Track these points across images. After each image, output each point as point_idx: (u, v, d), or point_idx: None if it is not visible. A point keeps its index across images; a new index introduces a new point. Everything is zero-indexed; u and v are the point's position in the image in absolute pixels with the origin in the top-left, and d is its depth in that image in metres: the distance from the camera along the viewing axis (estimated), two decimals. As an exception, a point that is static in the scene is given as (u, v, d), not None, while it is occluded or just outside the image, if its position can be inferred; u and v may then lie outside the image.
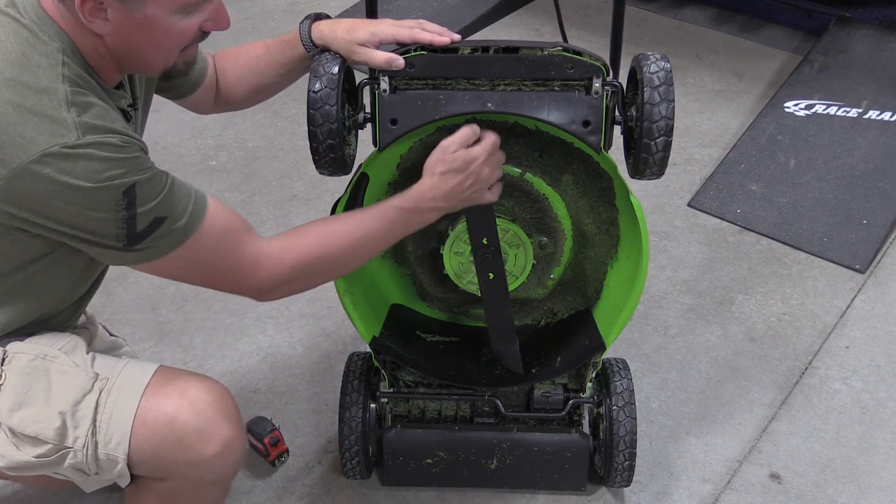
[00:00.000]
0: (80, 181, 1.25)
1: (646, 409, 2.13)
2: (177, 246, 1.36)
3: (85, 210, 1.27)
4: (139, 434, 1.40)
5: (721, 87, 3.26)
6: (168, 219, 1.33)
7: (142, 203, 1.29)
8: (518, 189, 1.69)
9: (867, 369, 2.24)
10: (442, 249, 1.69)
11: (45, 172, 1.24)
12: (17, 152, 1.24)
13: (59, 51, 1.30)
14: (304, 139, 1.54)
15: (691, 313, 2.39)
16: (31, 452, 1.41)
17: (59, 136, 1.24)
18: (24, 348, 1.44)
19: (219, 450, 1.42)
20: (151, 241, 1.33)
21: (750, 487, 1.98)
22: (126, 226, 1.30)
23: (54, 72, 1.28)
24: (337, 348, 2.29)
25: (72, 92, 1.27)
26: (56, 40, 1.30)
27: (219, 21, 1.38)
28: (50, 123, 1.24)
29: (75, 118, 1.25)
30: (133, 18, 1.29)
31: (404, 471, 1.90)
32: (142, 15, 1.29)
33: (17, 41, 1.29)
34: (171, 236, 1.34)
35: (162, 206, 1.32)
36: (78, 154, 1.24)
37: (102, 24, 1.29)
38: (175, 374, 1.46)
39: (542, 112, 1.54)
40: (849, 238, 2.58)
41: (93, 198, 1.26)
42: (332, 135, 1.51)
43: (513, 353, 1.76)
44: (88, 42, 1.32)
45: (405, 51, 1.53)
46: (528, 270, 1.71)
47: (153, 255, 1.35)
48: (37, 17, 1.30)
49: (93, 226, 1.30)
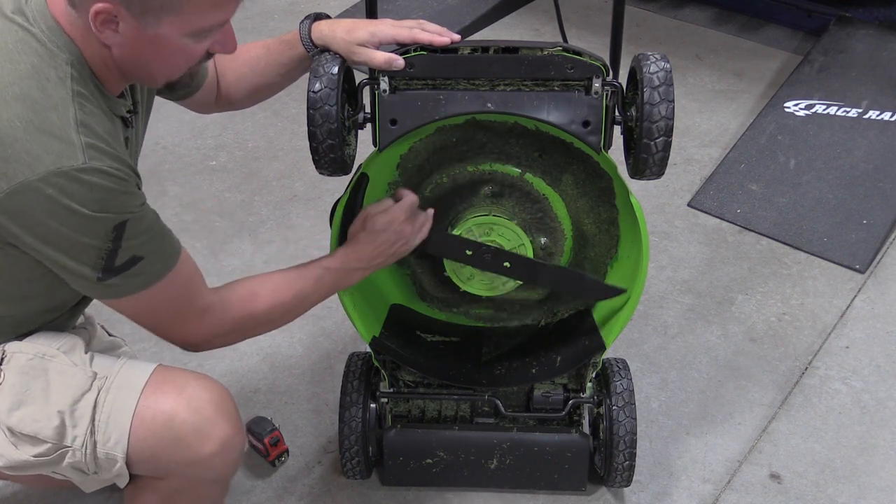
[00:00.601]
0: (79, 206, 1.25)
1: (646, 409, 2.13)
2: (144, 288, 1.37)
3: (75, 234, 1.28)
4: (137, 433, 1.40)
5: (721, 87, 3.26)
6: (144, 259, 1.34)
7: (127, 239, 1.31)
8: (518, 189, 1.69)
9: (867, 369, 2.24)
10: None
11: (47, 192, 1.24)
12: (21, 168, 1.24)
13: (68, 62, 1.29)
14: (304, 139, 1.54)
15: (691, 313, 2.39)
16: (29, 452, 1.41)
17: (65, 158, 1.24)
18: (22, 348, 1.44)
19: (217, 448, 1.42)
20: (124, 278, 1.34)
21: (750, 487, 1.98)
22: (106, 257, 1.31)
23: (64, 87, 1.27)
24: (337, 348, 2.29)
25: (81, 111, 1.27)
26: (65, 51, 1.29)
27: (226, 45, 1.39)
28: (58, 143, 1.24)
29: (83, 141, 1.25)
30: (145, 34, 1.29)
31: (404, 471, 1.90)
32: (154, 32, 1.29)
33: (27, 52, 1.28)
34: (143, 277, 1.36)
35: (143, 245, 1.34)
36: (82, 179, 1.24)
37: (112, 35, 1.28)
38: (173, 373, 1.46)
39: (542, 112, 1.54)
40: (849, 238, 2.58)
41: (86, 224, 1.27)
42: (331, 135, 1.51)
43: (592, 284, 1.72)
44: (96, 52, 1.32)
45: (405, 51, 1.53)
46: (529, 270, 1.71)
47: (121, 293, 1.37)
48: (46, 26, 1.30)
49: (76, 251, 1.30)
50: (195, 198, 2.75)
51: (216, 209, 2.71)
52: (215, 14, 1.30)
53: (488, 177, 1.69)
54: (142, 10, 1.25)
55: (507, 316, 1.86)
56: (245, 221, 2.67)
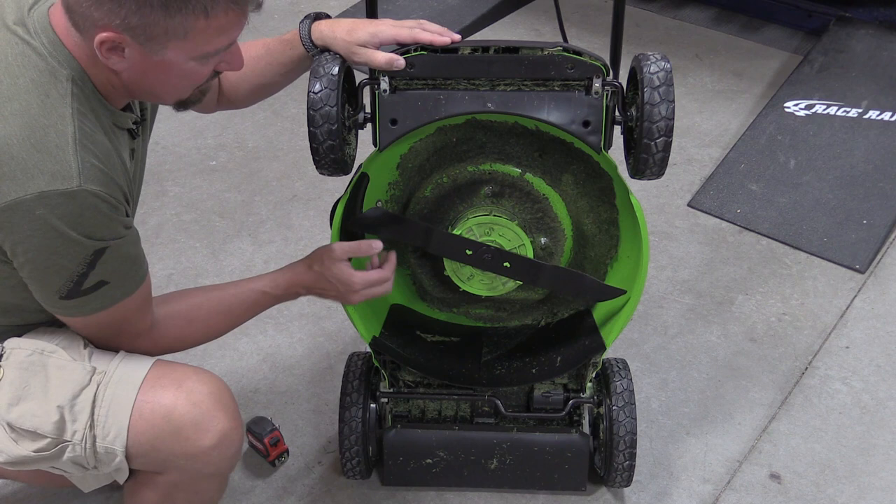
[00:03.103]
0: (66, 227, 1.26)
1: (646, 409, 2.13)
2: (100, 310, 1.38)
3: (54, 255, 1.28)
4: (137, 426, 1.41)
5: (721, 87, 3.26)
6: (109, 285, 1.36)
7: (101, 265, 1.32)
8: (518, 189, 1.69)
9: (867, 369, 2.24)
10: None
11: (37, 212, 1.25)
12: (14, 186, 1.24)
13: (69, 79, 1.29)
14: (304, 139, 1.54)
15: (691, 313, 2.39)
16: (30, 447, 1.41)
17: (59, 180, 1.24)
18: (21, 344, 1.45)
19: (216, 441, 1.43)
20: (84, 300, 1.36)
21: (750, 487, 1.98)
22: (75, 282, 1.32)
23: (64, 104, 1.27)
24: (337, 348, 2.29)
25: (80, 131, 1.27)
26: (66, 66, 1.29)
27: (233, 63, 1.39)
28: (53, 164, 1.24)
29: (80, 163, 1.25)
30: (151, 60, 1.29)
31: (404, 471, 1.90)
32: (160, 58, 1.29)
33: (27, 66, 1.28)
34: (101, 300, 1.37)
35: (113, 272, 1.35)
36: (74, 201, 1.25)
37: (118, 61, 1.28)
38: (172, 367, 1.47)
39: (542, 112, 1.54)
40: (849, 238, 2.58)
41: (68, 247, 1.28)
42: (332, 135, 1.51)
43: (592, 285, 1.71)
44: (101, 72, 1.32)
45: (405, 51, 1.53)
46: (529, 270, 1.71)
47: (76, 313, 1.38)
48: (48, 40, 1.29)
49: (50, 269, 1.31)
50: (195, 198, 2.75)
51: (216, 209, 2.71)
52: (220, 39, 1.30)
53: (488, 177, 1.69)
54: (147, 38, 1.25)
55: (507, 316, 1.86)
56: (245, 221, 2.67)
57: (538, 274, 1.68)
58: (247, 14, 1.32)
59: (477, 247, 1.65)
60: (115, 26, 1.23)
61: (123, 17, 1.22)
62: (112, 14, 1.22)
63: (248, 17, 1.33)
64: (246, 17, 1.32)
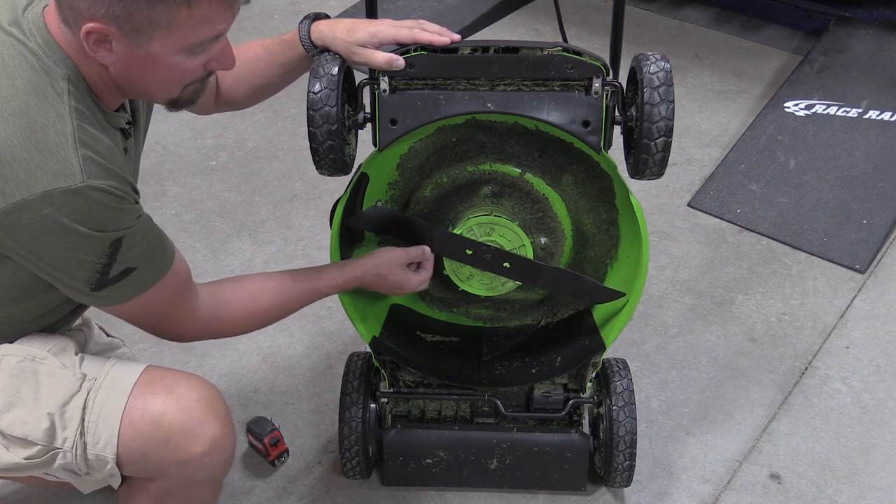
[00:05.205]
0: (77, 224, 1.26)
1: (646, 409, 2.13)
2: (136, 295, 1.39)
3: (70, 251, 1.28)
4: (127, 433, 1.40)
5: (721, 87, 3.26)
6: (137, 270, 1.36)
7: (122, 253, 1.32)
8: (518, 189, 1.69)
9: (867, 369, 2.24)
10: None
11: (44, 211, 1.24)
12: (18, 187, 1.24)
13: (64, 78, 1.29)
14: (304, 139, 1.54)
15: (691, 313, 2.39)
16: (20, 454, 1.40)
17: (62, 178, 1.24)
18: (12, 350, 1.44)
19: (207, 448, 1.42)
20: (116, 288, 1.36)
21: (750, 487, 1.98)
22: (100, 272, 1.32)
23: (61, 103, 1.27)
24: (337, 348, 2.29)
25: (79, 128, 1.27)
26: (61, 66, 1.29)
27: (223, 61, 1.38)
28: (55, 162, 1.24)
29: (81, 160, 1.25)
30: (137, 53, 1.29)
31: (404, 471, 1.90)
32: (146, 51, 1.28)
33: (23, 66, 1.28)
34: (135, 286, 1.37)
35: (137, 258, 1.35)
36: (79, 197, 1.25)
37: (106, 54, 1.28)
38: (163, 373, 1.46)
39: (542, 112, 1.54)
40: (849, 238, 2.58)
41: (83, 242, 1.28)
42: (331, 135, 1.51)
43: (591, 286, 1.73)
44: (93, 69, 1.32)
45: (405, 51, 1.53)
46: (528, 270, 1.71)
47: (112, 301, 1.39)
48: (42, 40, 1.30)
49: (71, 266, 1.31)
50: (195, 198, 2.75)
51: (216, 209, 2.71)
52: (205, 28, 1.30)
53: (488, 177, 1.69)
54: (132, 28, 1.25)
55: (506, 316, 1.86)
56: (245, 221, 2.67)
57: (538, 275, 1.68)
58: (232, 7, 1.31)
59: (477, 247, 1.65)
60: (100, 17, 1.23)
61: (108, 7, 1.22)
62: (97, 4, 1.22)
63: (235, 11, 1.32)
64: (232, 10, 1.31)
